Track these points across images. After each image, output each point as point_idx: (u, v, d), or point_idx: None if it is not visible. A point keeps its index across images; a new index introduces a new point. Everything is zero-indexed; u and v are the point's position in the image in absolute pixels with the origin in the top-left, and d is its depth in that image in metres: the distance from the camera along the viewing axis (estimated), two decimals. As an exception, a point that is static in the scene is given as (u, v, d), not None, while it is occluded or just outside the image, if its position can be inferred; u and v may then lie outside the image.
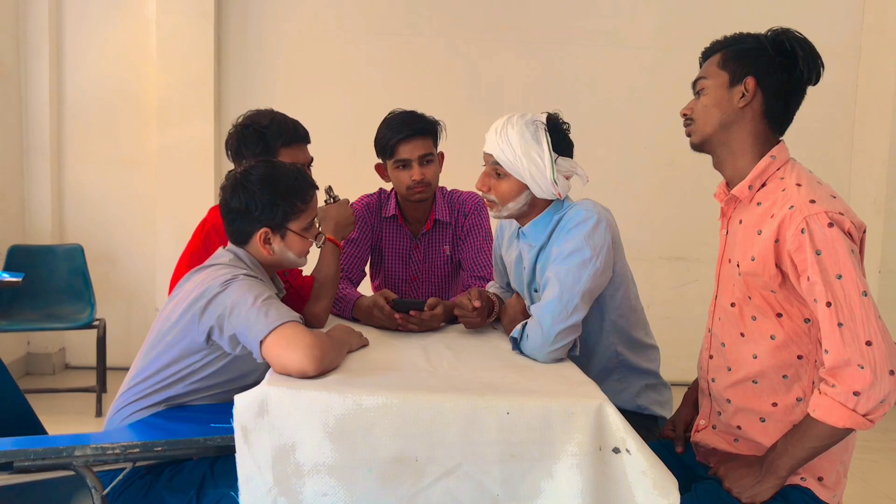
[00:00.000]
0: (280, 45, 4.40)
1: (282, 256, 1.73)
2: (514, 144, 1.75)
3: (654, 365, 1.96)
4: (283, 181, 1.70)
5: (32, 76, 4.25)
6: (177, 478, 1.58)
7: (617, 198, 4.40)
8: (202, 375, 1.62)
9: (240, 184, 1.69)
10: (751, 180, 1.52)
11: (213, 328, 1.56)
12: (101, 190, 4.43)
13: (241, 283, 1.57)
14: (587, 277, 1.70)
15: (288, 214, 1.70)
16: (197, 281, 1.63)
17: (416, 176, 2.22)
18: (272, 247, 1.71)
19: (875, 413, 1.33)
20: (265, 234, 1.69)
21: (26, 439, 1.45)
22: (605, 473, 1.35)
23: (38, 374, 4.36)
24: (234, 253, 1.72)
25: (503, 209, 1.84)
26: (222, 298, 1.55)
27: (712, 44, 1.59)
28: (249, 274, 1.64)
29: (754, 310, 1.51)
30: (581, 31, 4.43)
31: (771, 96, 1.51)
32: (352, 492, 1.34)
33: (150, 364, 1.63)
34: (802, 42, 1.50)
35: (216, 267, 1.66)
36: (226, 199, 1.71)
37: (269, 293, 1.59)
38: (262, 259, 1.73)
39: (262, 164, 1.74)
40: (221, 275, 1.60)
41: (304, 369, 1.43)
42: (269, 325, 1.49)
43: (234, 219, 1.71)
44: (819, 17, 4.30)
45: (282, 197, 1.69)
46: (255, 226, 1.69)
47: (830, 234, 1.36)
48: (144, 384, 1.63)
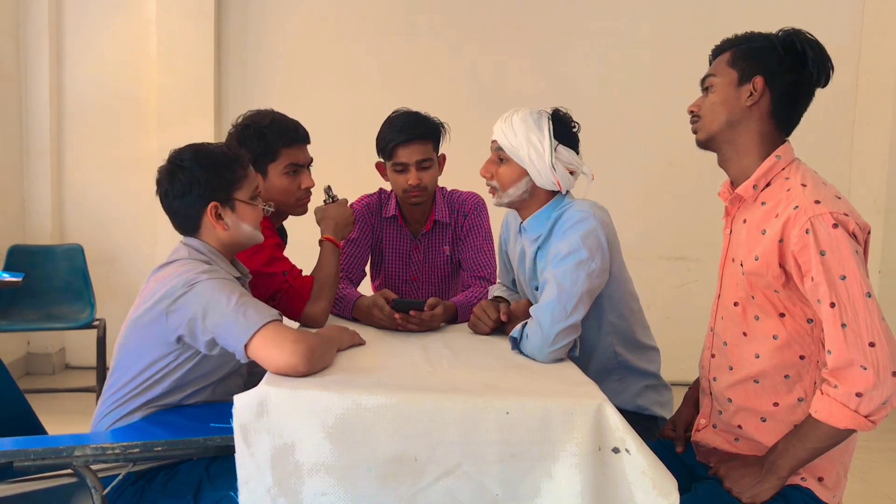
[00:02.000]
0: (280, 45, 4.40)
1: (237, 231, 1.69)
2: (517, 128, 1.81)
3: (655, 366, 1.96)
4: (216, 153, 1.68)
5: (32, 76, 4.25)
6: (171, 482, 1.57)
7: (617, 197, 4.39)
8: (179, 374, 1.60)
9: (175, 167, 1.66)
10: (755, 180, 1.52)
11: (183, 330, 1.54)
12: (101, 190, 4.42)
13: (208, 283, 1.54)
14: (584, 278, 1.71)
15: (231, 183, 1.67)
16: (158, 280, 1.60)
17: (413, 181, 2.22)
18: (225, 221, 1.67)
19: (877, 414, 1.32)
20: (215, 209, 1.65)
21: (26, 439, 1.44)
22: (605, 473, 1.35)
23: (38, 374, 4.36)
24: (189, 245, 1.68)
25: (504, 195, 1.88)
26: (189, 299, 1.52)
27: (722, 42, 1.59)
28: (212, 269, 1.60)
29: (757, 309, 1.51)
30: (581, 31, 4.43)
31: (779, 96, 1.51)
32: (351, 492, 1.34)
33: (126, 369, 1.61)
34: (813, 43, 1.49)
35: (176, 264, 1.62)
36: (165, 189, 1.66)
37: (240, 289, 1.57)
38: (218, 242, 1.69)
39: (188, 146, 1.70)
40: (183, 272, 1.57)
41: (294, 366, 1.43)
42: (251, 328, 1.48)
43: (179, 205, 1.66)
44: (819, 17, 4.29)
45: (220, 167, 1.66)
46: (202, 203, 1.65)
47: (835, 234, 1.35)
48: (124, 389, 1.61)
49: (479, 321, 1.95)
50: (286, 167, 2.03)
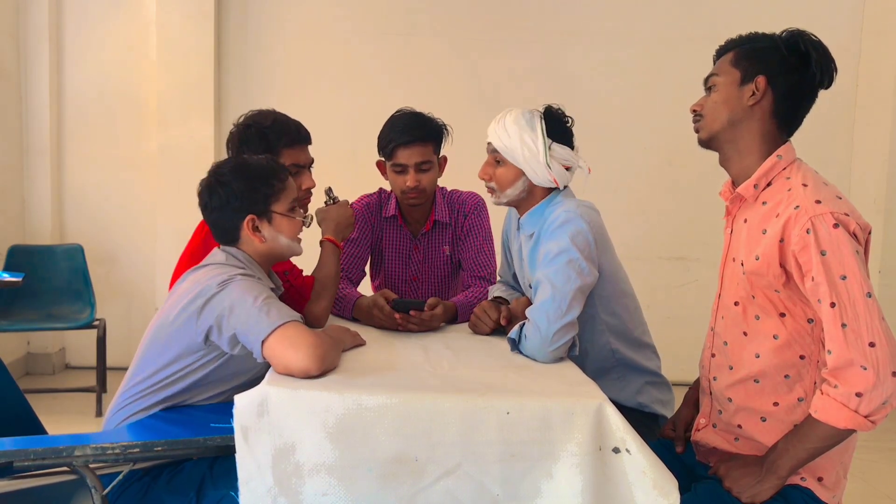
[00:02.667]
0: (280, 45, 4.40)
1: (274, 243, 1.72)
2: (510, 130, 1.83)
3: (654, 364, 1.97)
4: (254, 166, 1.72)
5: (32, 76, 4.25)
6: (175, 479, 1.57)
7: (617, 197, 4.41)
8: (200, 375, 1.62)
9: (214, 181, 1.70)
10: (756, 179, 1.52)
11: (212, 328, 1.55)
12: (101, 190, 4.42)
13: (239, 282, 1.57)
14: (576, 275, 1.73)
15: (268, 196, 1.70)
16: (194, 280, 1.62)
17: (411, 183, 2.23)
18: (262, 234, 1.70)
19: (877, 414, 1.33)
20: (252, 222, 1.68)
21: (26, 439, 1.44)
22: (605, 473, 1.35)
23: (38, 374, 4.36)
24: (228, 252, 1.71)
25: (502, 196, 1.91)
26: (220, 298, 1.55)
27: (726, 42, 1.59)
28: (246, 273, 1.63)
29: (758, 309, 1.51)
30: (581, 31, 4.43)
31: (781, 96, 1.51)
32: (352, 492, 1.34)
33: (148, 364, 1.63)
34: (817, 44, 1.49)
35: (212, 266, 1.65)
36: (205, 202, 1.71)
37: (268, 292, 1.59)
38: (256, 252, 1.72)
39: (230, 159, 1.75)
40: (217, 274, 1.60)
41: (307, 369, 1.43)
42: (271, 325, 1.48)
43: (217, 217, 1.71)
44: (819, 18, 4.29)
45: (258, 180, 1.69)
46: (240, 216, 1.68)
47: (836, 234, 1.35)
48: (143, 384, 1.62)
49: (479, 321, 1.95)
50: (287, 168, 2.03)
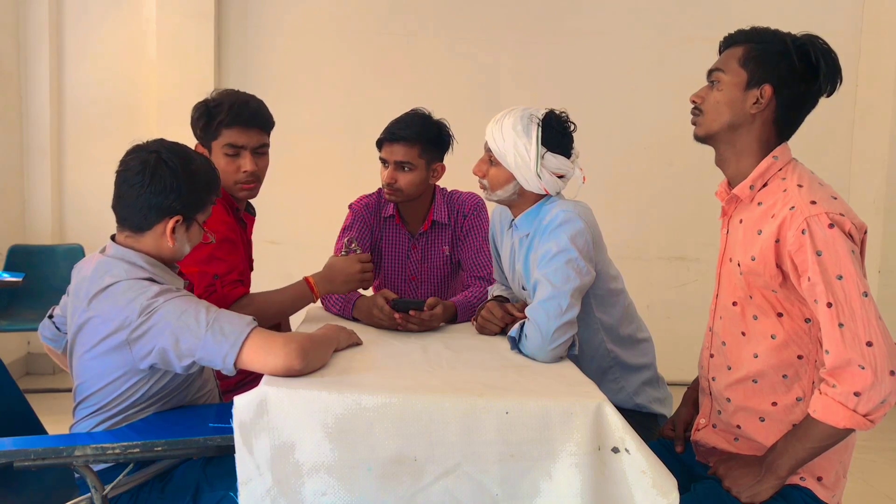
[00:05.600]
0: (280, 45, 4.40)
1: (179, 249, 1.60)
2: (506, 135, 1.83)
3: (648, 358, 1.99)
4: (202, 171, 1.60)
5: (32, 76, 4.25)
6: (168, 486, 1.55)
7: (617, 197, 4.41)
8: (156, 389, 1.55)
9: (161, 166, 1.54)
10: (752, 180, 1.52)
11: (154, 360, 1.47)
12: (101, 190, 4.36)
13: (167, 308, 1.45)
14: (575, 275, 1.74)
15: (203, 204, 1.61)
16: (106, 311, 1.48)
17: (386, 178, 2.27)
18: (176, 236, 1.57)
19: (875, 413, 1.33)
20: (176, 223, 1.55)
21: (26, 439, 1.44)
22: (605, 473, 1.35)
23: (38, 374, 4.36)
24: (123, 259, 1.55)
25: (493, 194, 1.94)
26: (153, 330, 1.44)
27: (737, 32, 1.55)
28: (162, 287, 1.49)
29: (755, 309, 1.51)
30: (581, 31, 4.43)
31: (784, 106, 1.50)
32: (351, 491, 1.34)
33: (91, 385, 1.56)
34: (827, 54, 1.47)
35: (119, 288, 1.49)
36: (139, 181, 1.54)
37: (196, 303, 1.48)
38: (158, 252, 1.58)
39: (176, 146, 1.61)
40: (132, 299, 1.46)
41: (290, 366, 1.43)
42: (235, 344, 1.44)
43: (145, 201, 1.53)
44: (819, 17, 4.29)
45: (202, 185, 1.59)
46: (168, 213, 1.55)
47: (831, 234, 1.35)
48: (90, 401, 1.57)
49: (487, 322, 1.95)
50: (223, 147, 2.03)
